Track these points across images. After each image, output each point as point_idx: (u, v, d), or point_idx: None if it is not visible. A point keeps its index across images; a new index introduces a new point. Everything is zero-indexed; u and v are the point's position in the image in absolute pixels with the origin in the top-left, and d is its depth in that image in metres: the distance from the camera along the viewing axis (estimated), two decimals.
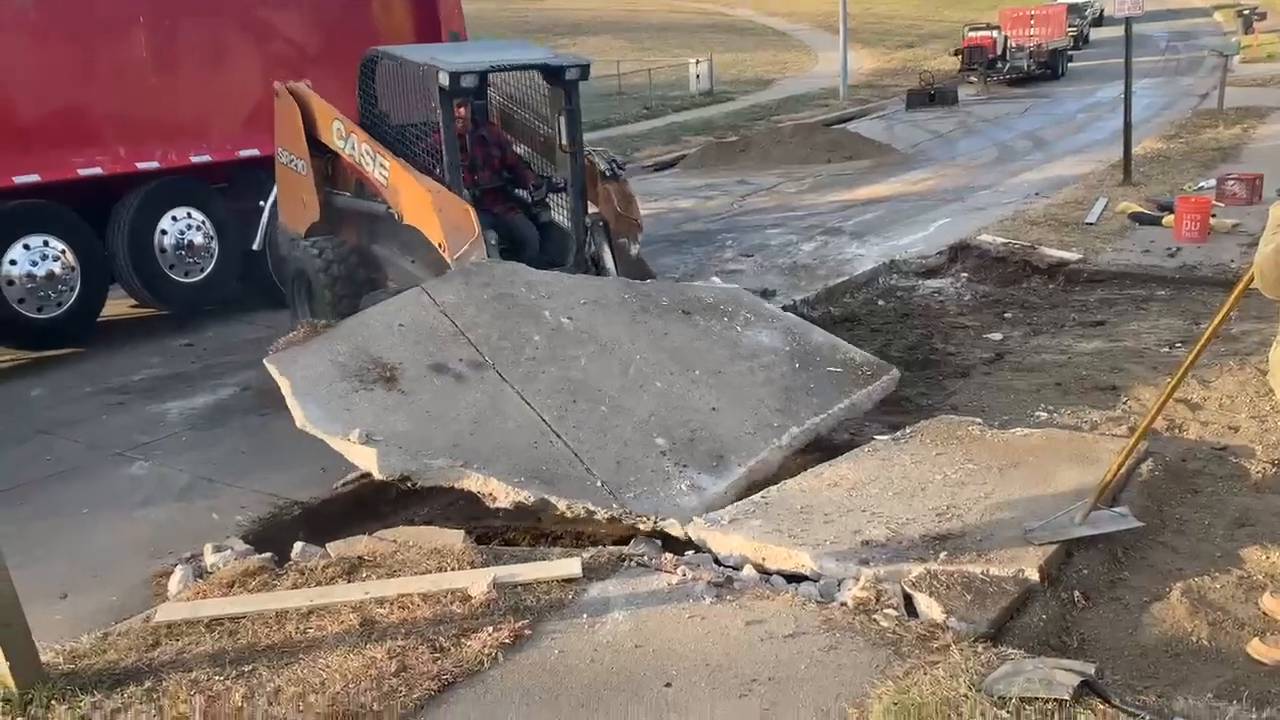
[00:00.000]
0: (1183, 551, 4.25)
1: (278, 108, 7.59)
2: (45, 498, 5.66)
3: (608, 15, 53.30)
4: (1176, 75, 28.95)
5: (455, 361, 5.39)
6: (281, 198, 7.96)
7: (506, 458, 4.78)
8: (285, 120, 7.51)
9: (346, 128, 7.02)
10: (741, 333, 6.28)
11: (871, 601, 3.78)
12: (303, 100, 7.36)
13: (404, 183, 6.57)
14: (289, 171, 7.64)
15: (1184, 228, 9.91)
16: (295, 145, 7.43)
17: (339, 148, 7.12)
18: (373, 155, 6.77)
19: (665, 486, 4.83)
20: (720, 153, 19.49)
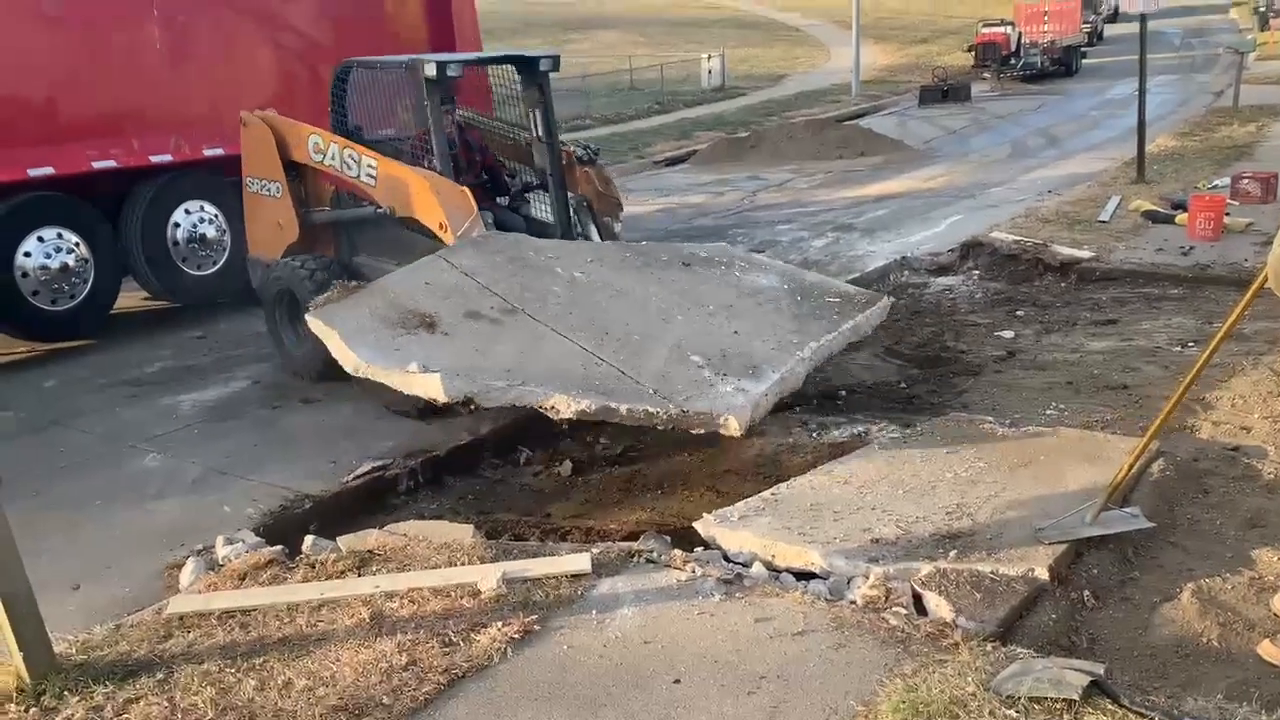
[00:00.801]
0: (1194, 552, 4.24)
1: (245, 137, 7.58)
2: (59, 489, 5.69)
3: (620, 11, 53.20)
4: (1191, 72, 28.79)
5: (488, 309, 5.65)
6: (250, 227, 7.88)
7: (559, 379, 5.05)
8: (256, 147, 7.51)
9: (325, 139, 7.03)
10: (741, 277, 6.82)
11: (881, 600, 3.78)
12: (273, 124, 7.41)
13: (396, 174, 6.59)
14: (260, 199, 7.61)
15: (1198, 226, 9.87)
16: (268, 170, 7.43)
17: (317, 162, 7.10)
18: (357, 158, 6.77)
19: (712, 390, 5.16)
20: (731, 148, 19.46)
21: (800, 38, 47.19)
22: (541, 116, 7.29)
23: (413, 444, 6.06)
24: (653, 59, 35.92)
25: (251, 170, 7.62)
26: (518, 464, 6.13)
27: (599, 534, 4.93)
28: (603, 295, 6.07)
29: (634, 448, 6.27)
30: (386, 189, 6.65)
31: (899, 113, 25.39)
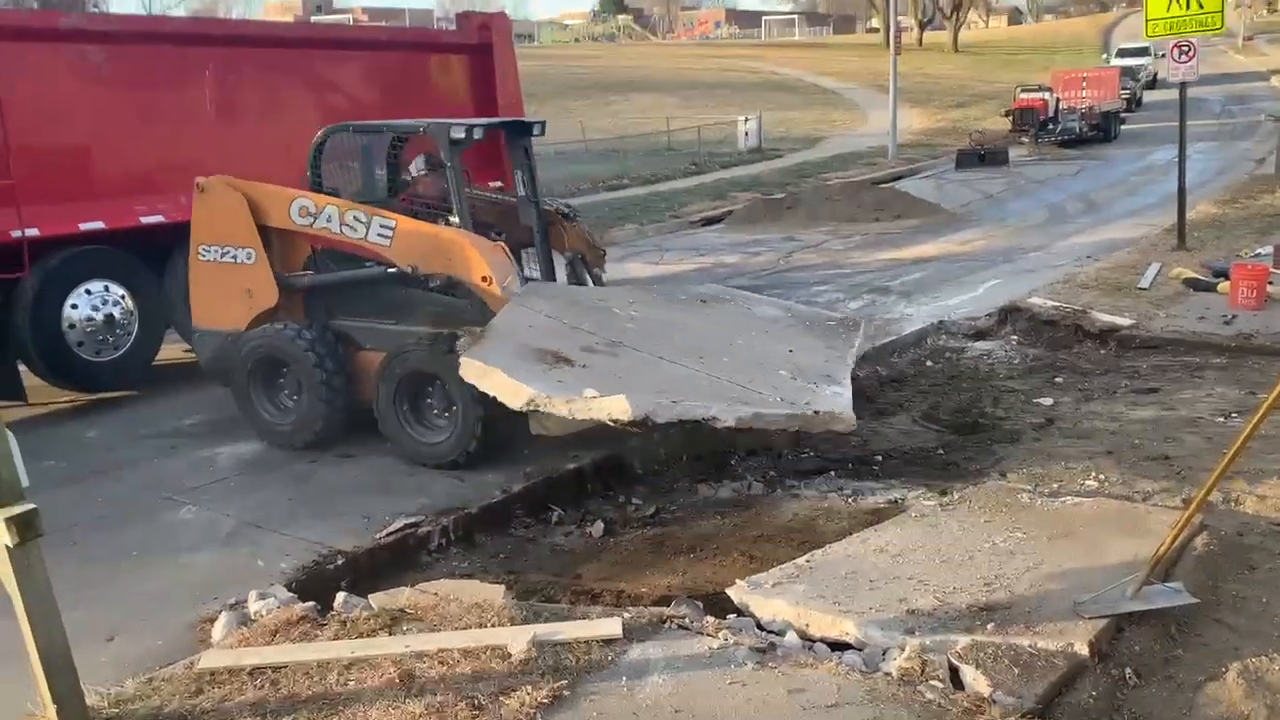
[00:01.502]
0: (1239, 630, 4.13)
1: (203, 203, 7.26)
2: (97, 540, 5.75)
3: (659, 73, 54.08)
4: (1232, 139, 28.66)
5: (594, 344, 6.19)
6: (204, 296, 7.42)
7: (700, 395, 5.66)
8: (218, 213, 7.20)
9: (318, 201, 6.95)
10: (752, 311, 7.69)
11: (916, 672, 3.71)
12: (244, 189, 7.18)
13: (425, 233, 6.71)
14: (219, 267, 7.25)
15: (1240, 295, 9.76)
16: (236, 236, 7.15)
17: (303, 225, 7.01)
18: (365, 219, 6.74)
19: (818, 394, 5.95)
20: (767, 209, 19.56)
21: (837, 101, 47.61)
22: (528, 177, 7.73)
23: (445, 501, 6.07)
24: (690, 121, 36.35)
25: (208, 238, 7.27)
26: (549, 523, 6.12)
27: (630, 598, 4.89)
28: (664, 327, 6.75)
29: (666, 509, 6.25)
30: (408, 248, 6.68)
31: (936, 176, 25.45)
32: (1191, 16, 12.35)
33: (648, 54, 68.35)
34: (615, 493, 6.54)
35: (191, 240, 7.35)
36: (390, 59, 10.94)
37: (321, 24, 34.92)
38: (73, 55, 8.51)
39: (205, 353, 7.50)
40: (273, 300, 7.18)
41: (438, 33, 16.41)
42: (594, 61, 59.48)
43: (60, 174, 8.38)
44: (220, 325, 7.33)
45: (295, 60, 10.12)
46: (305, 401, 6.99)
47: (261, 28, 14.54)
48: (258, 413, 7.22)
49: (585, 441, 6.86)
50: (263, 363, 7.11)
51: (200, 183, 7.28)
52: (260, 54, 9.84)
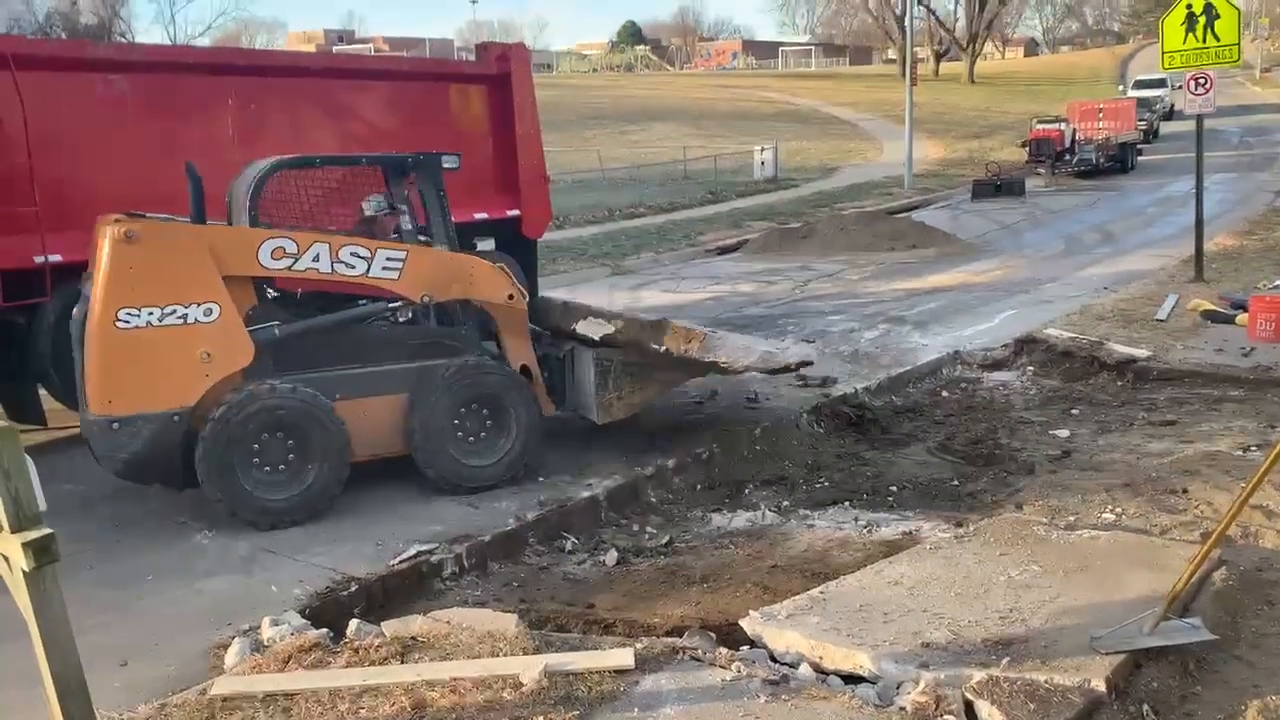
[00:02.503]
0: (1260, 667, 4.08)
1: (131, 255, 5.88)
2: (112, 564, 5.78)
3: (676, 103, 54.42)
4: (1250, 171, 28.58)
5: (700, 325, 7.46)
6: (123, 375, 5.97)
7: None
8: (162, 266, 5.97)
9: (301, 240, 6.25)
10: None
11: (931, 707, 3.68)
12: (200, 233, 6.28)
13: (437, 262, 6.72)
14: (158, 333, 5.92)
15: (1259, 327, 9.71)
16: (189, 291, 5.99)
17: (280, 269, 6.26)
18: (367, 254, 6.39)
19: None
20: (783, 238, 19.61)
21: (853, 131, 47.78)
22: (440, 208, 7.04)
23: (458, 529, 6.08)
24: (706, 150, 36.56)
25: (135, 299, 5.87)
26: (562, 551, 6.11)
27: (642, 628, 4.88)
28: None
29: (679, 539, 6.24)
30: (420, 278, 6.55)
31: (952, 206, 25.47)
32: (1208, 49, 12.38)
33: (665, 84, 68.84)
34: (629, 522, 6.54)
35: (102, 306, 5.84)
36: (411, 89, 11.04)
37: (343, 54, 35.35)
38: (97, 84, 8.63)
39: (129, 447, 6.00)
40: (246, 359, 6.21)
41: (458, 63, 16.59)
42: (612, 91, 59.92)
43: (83, 201, 8.47)
44: (154, 407, 5.98)
45: (317, 89, 10.22)
46: (323, 470, 6.27)
47: (284, 58, 14.73)
48: (248, 494, 6.14)
49: (597, 470, 6.92)
50: (259, 433, 6.15)
51: (128, 231, 5.88)
52: (282, 83, 9.95)
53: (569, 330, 7.45)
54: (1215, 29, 12.27)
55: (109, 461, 6.16)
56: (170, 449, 6.06)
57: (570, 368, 7.38)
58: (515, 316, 6.98)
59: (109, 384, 5.97)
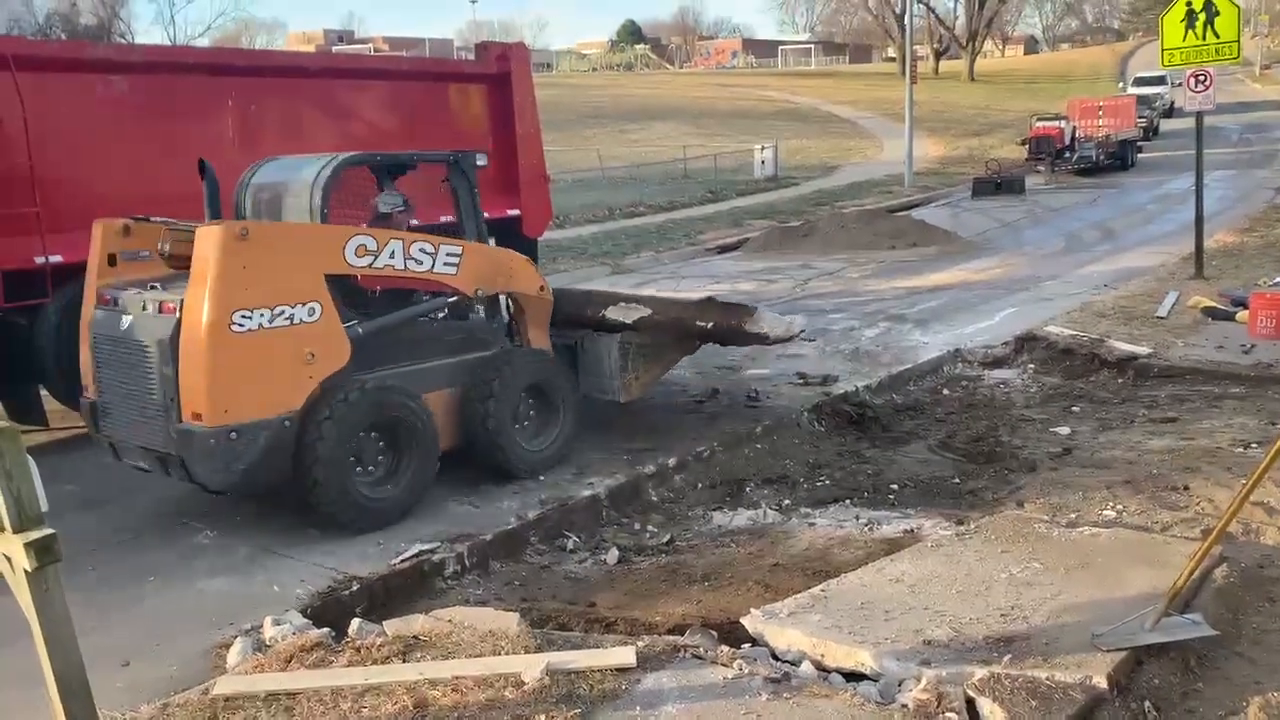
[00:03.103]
0: (1261, 664, 4.09)
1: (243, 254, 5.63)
2: (115, 565, 5.78)
3: (676, 102, 54.41)
4: (1250, 168, 28.58)
5: None
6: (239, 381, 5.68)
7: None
8: (271, 265, 5.77)
9: (379, 237, 6.22)
10: None
11: (932, 704, 3.68)
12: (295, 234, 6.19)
13: (486, 256, 6.96)
14: (269, 335, 5.71)
15: (1259, 324, 9.71)
16: (294, 291, 5.82)
17: (362, 266, 6.19)
18: (432, 249, 6.45)
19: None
20: (783, 237, 19.61)
21: (853, 130, 47.78)
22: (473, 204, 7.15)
23: (460, 528, 6.08)
24: (706, 149, 36.55)
25: (248, 299, 5.63)
26: (564, 550, 6.12)
27: (644, 626, 4.88)
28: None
29: (680, 537, 6.24)
30: (474, 273, 6.73)
31: (952, 204, 25.46)
32: (1207, 46, 12.37)
33: (665, 83, 68.83)
34: (630, 520, 6.54)
35: (216, 308, 5.55)
36: (410, 88, 11.05)
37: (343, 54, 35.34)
38: (97, 85, 8.63)
39: (248, 456, 5.72)
40: (344, 358, 6.05)
41: (457, 62, 16.59)
42: (612, 90, 59.91)
43: (84, 201, 8.48)
44: (270, 412, 5.77)
45: (317, 89, 10.23)
46: (418, 466, 6.30)
47: (283, 58, 14.73)
48: (350, 492, 6.01)
49: (598, 469, 6.92)
50: (361, 433, 6.07)
51: (242, 229, 5.71)
52: (282, 83, 9.96)
53: (588, 317, 7.68)
54: (1215, 26, 12.27)
55: (223, 475, 5.76)
56: (283, 455, 5.84)
57: (583, 353, 7.64)
58: (543, 307, 7.32)
59: (225, 391, 5.64)
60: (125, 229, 6.59)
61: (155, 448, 5.98)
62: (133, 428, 6.14)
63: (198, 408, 5.62)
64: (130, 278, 6.40)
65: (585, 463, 7.16)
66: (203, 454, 5.68)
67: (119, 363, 6.13)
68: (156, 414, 5.88)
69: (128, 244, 6.57)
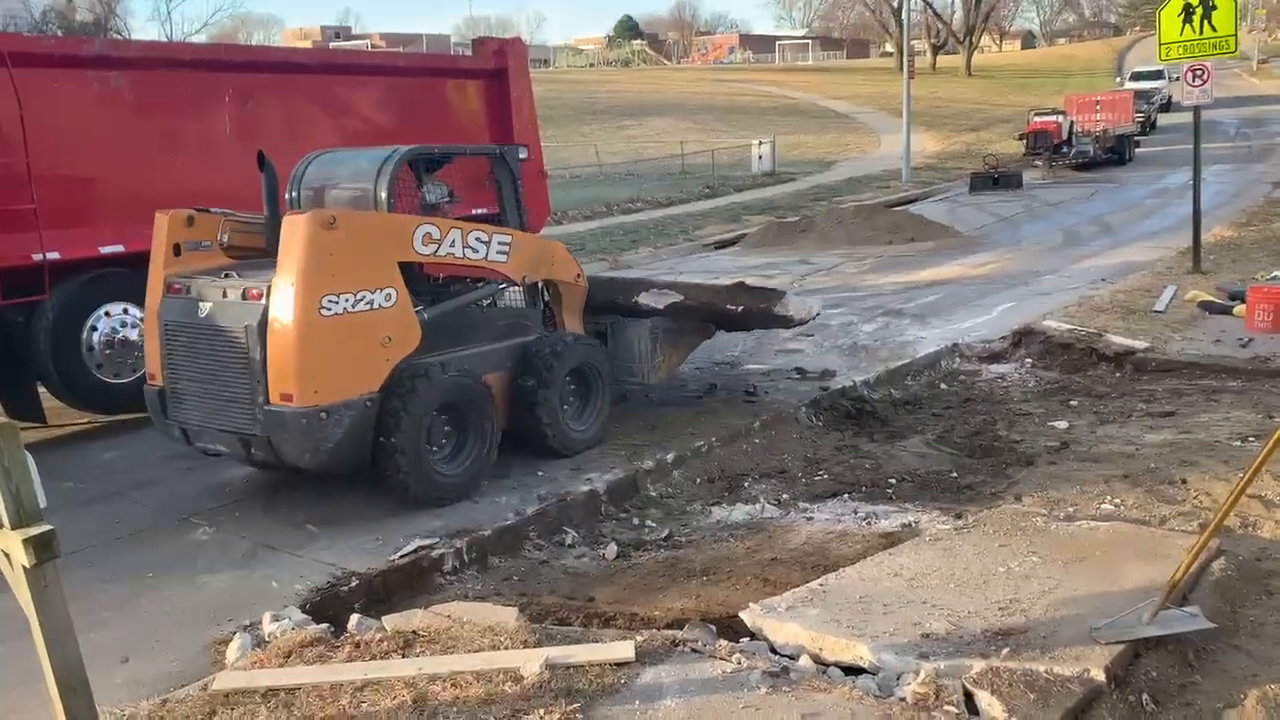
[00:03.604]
0: (1258, 656, 4.10)
1: (329, 243, 5.87)
2: (114, 561, 5.78)
3: (673, 97, 54.38)
4: (1247, 162, 28.60)
5: None
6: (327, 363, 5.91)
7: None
8: (354, 252, 6.00)
9: (441, 227, 6.46)
10: None
11: (931, 698, 3.69)
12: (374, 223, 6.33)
13: (532, 244, 7.26)
14: (353, 319, 5.95)
15: (1256, 318, 9.72)
16: (373, 277, 6.06)
17: (426, 255, 6.43)
18: (486, 239, 6.74)
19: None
20: (781, 232, 19.61)
21: (850, 125, 47.75)
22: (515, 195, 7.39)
23: (459, 523, 6.08)
24: (704, 144, 36.53)
25: (336, 285, 5.87)
26: (562, 545, 6.12)
27: (643, 620, 4.88)
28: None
29: (679, 532, 6.24)
30: (522, 260, 7.04)
31: (949, 199, 25.45)
32: (1205, 40, 12.38)
33: (662, 79, 68.77)
34: (628, 515, 6.55)
35: (305, 294, 5.77)
36: (407, 84, 11.02)
37: (340, 50, 35.28)
38: (95, 81, 8.62)
39: (335, 434, 5.92)
40: (416, 341, 6.28)
41: (454, 58, 16.54)
42: (609, 86, 59.87)
43: (81, 198, 8.47)
44: (355, 393, 5.99)
45: (314, 86, 10.21)
46: (479, 445, 6.55)
47: (280, 54, 14.72)
48: (426, 469, 6.26)
49: (596, 464, 6.93)
50: (434, 413, 6.30)
51: (330, 218, 5.92)
52: (279, 80, 9.93)
53: (620, 304, 8.04)
54: (1212, 20, 12.27)
55: (311, 454, 5.98)
56: (365, 433, 6.08)
57: (614, 339, 7.96)
58: (579, 294, 7.67)
59: (315, 373, 5.86)
60: (189, 219, 6.72)
61: (237, 430, 6.15)
62: (210, 413, 6.30)
63: (287, 389, 5.84)
64: (195, 267, 6.56)
65: (583, 458, 7.16)
66: (294, 434, 5.89)
67: (195, 349, 6.30)
68: (240, 397, 6.07)
69: (190, 235, 6.70)
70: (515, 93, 11.43)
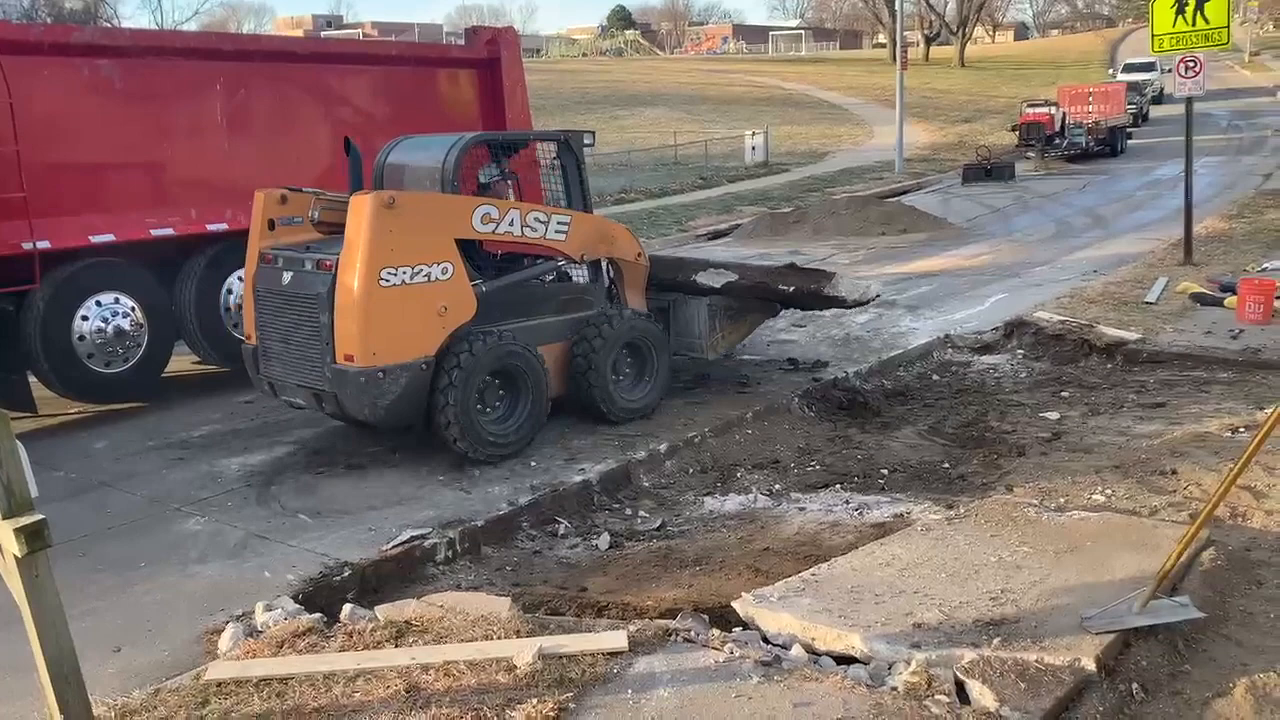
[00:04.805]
0: (1247, 646, 4.12)
1: (389, 220, 6.46)
2: (105, 551, 5.77)
3: (666, 88, 54.22)
4: (1239, 154, 28.65)
5: None
6: (388, 328, 6.53)
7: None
8: (412, 229, 6.60)
9: (500, 207, 7.09)
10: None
11: (922, 687, 3.71)
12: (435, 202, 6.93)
13: (591, 224, 7.75)
14: (410, 290, 6.57)
15: (1247, 309, 9.75)
16: (432, 252, 6.66)
17: (485, 232, 7.05)
18: (545, 218, 7.35)
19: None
20: (774, 223, 19.60)
21: (843, 116, 47.70)
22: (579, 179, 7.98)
23: (452, 513, 6.08)
24: (697, 135, 36.47)
25: (395, 259, 6.49)
26: (555, 536, 6.13)
27: (635, 610, 4.89)
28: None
29: (672, 522, 6.26)
30: (581, 239, 7.57)
31: (942, 190, 25.47)
32: (1197, 32, 12.38)
33: (655, 69, 68.56)
34: (621, 506, 6.56)
35: (367, 266, 6.41)
36: (400, 73, 10.97)
37: (332, 39, 35.14)
38: (85, 69, 8.57)
39: (391, 392, 6.55)
40: (471, 312, 6.90)
41: (446, 47, 16.47)
42: (602, 76, 59.67)
43: (71, 187, 8.43)
44: (409, 356, 6.61)
45: (305, 74, 10.17)
46: (532, 408, 7.12)
47: (272, 42, 14.64)
48: (482, 430, 6.85)
49: (589, 455, 6.94)
50: (487, 376, 6.88)
51: (389, 198, 6.55)
52: (271, 68, 9.89)
53: (680, 282, 8.37)
54: (1205, 12, 12.27)
55: (370, 409, 6.61)
56: (421, 393, 6.70)
57: (674, 315, 8.38)
58: (639, 272, 8.07)
59: (374, 337, 6.52)
60: (282, 198, 7.40)
61: (311, 385, 6.88)
62: (291, 369, 7.04)
63: (350, 350, 6.54)
64: (286, 241, 7.29)
65: (577, 448, 7.17)
66: (354, 391, 6.56)
67: (280, 313, 7.05)
68: (314, 356, 6.78)
69: (284, 211, 7.39)
70: (508, 82, 11.39)
